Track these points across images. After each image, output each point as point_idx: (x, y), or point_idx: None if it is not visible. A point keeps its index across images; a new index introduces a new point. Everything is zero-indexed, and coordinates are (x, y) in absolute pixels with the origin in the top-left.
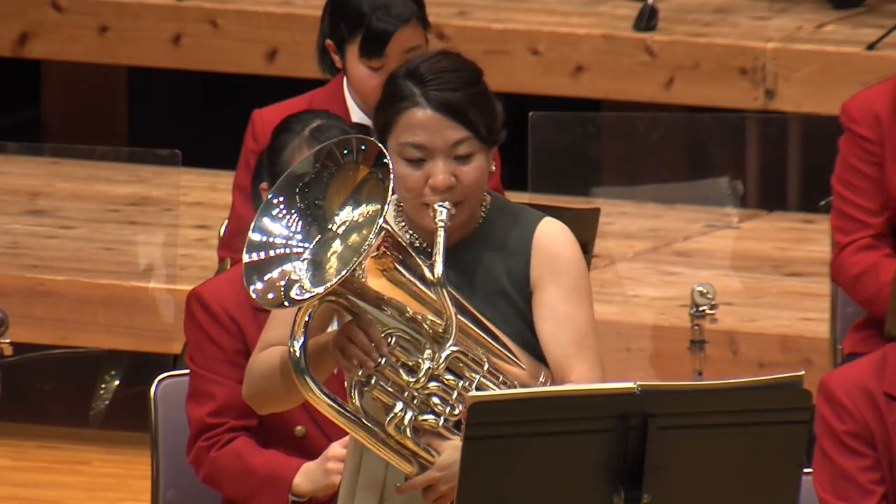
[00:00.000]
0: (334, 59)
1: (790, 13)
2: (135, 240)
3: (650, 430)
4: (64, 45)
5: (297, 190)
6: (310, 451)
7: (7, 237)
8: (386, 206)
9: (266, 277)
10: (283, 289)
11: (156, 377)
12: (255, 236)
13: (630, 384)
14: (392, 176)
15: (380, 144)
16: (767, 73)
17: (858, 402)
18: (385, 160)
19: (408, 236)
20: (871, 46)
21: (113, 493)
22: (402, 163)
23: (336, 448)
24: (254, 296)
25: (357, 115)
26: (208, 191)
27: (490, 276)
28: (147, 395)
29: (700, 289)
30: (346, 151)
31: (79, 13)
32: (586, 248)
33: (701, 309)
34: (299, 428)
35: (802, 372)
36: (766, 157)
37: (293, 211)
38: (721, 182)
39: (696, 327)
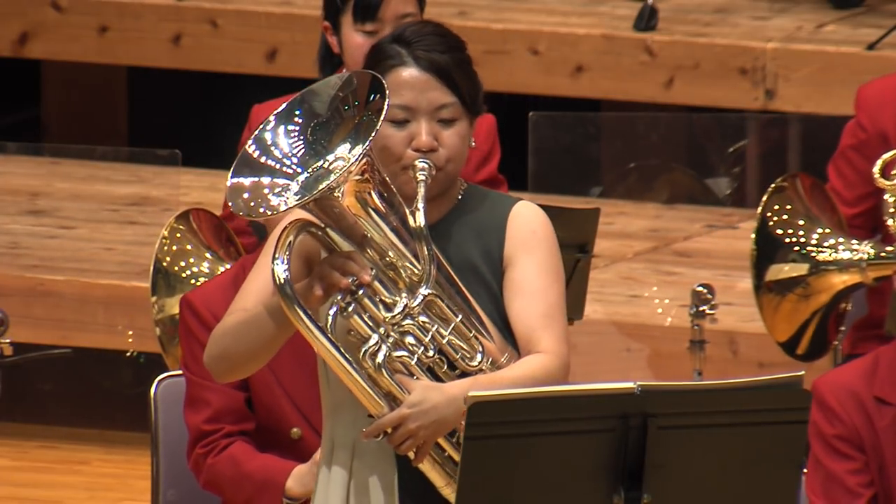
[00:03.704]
0: (331, 43)
1: (790, 13)
2: (135, 240)
3: (650, 430)
4: (64, 45)
5: (312, 123)
6: (305, 453)
7: (7, 237)
8: (375, 131)
9: (254, 180)
10: (265, 196)
11: (156, 377)
12: (266, 136)
13: (630, 384)
14: (386, 104)
15: (373, 73)
16: (767, 73)
17: (848, 406)
18: (378, 95)
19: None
20: (871, 46)
21: (113, 493)
22: (386, 124)
23: None
24: (230, 188)
25: None
26: (208, 191)
27: (463, 254)
28: (147, 395)
29: (700, 289)
30: (346, 108)
31: (79, 13)
32: (586, 248)
33: (701, 309)
34: (295, 430)
35: (802, 372)
36: (766, 157)
37: (301, 137)
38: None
39: (696, 327)
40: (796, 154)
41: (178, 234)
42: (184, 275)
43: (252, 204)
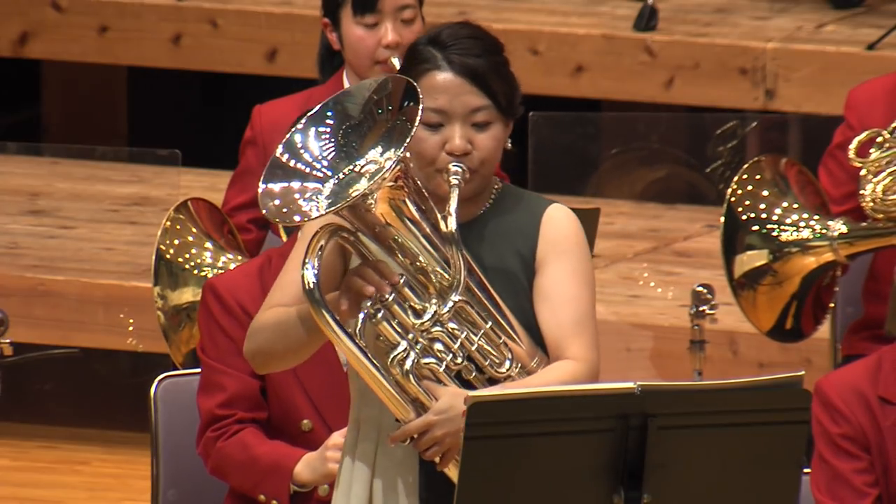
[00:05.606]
0: (331, 40)
1: (790, 13)
2: (135, 240)
3: (650, 430)
4: (64, 45)
5: (344, 126)
6: (315, 445)
7: (7, 237)
8: (408, 138)
9: (284, 185)
10: (296, 201)
11: (156, 377)
12: (297, 139)
13: (630, 384)
14: (420, 111)
15: (408, 79)
16: (767, 73)
17: (853, 405)
18: (412, 101)
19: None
20: (871, 46)
21: (113, 493)
22: (420, 127)
23: (336, 437)
24: (261, 194)
25: None
26: (208, 191)
27: (497, 256)
28: (147, 395)
29: (700, 289)
30: (379, 112)
31: (79, 13)
32: None
33: (701, 309)
34: (306, 422)
35: (802, 372)
36: None
37: (332, 140)
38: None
39: (696, 327)
40: (796, 154)
41: (179, 225)
42: (186, 265)
43: (284, 210)
